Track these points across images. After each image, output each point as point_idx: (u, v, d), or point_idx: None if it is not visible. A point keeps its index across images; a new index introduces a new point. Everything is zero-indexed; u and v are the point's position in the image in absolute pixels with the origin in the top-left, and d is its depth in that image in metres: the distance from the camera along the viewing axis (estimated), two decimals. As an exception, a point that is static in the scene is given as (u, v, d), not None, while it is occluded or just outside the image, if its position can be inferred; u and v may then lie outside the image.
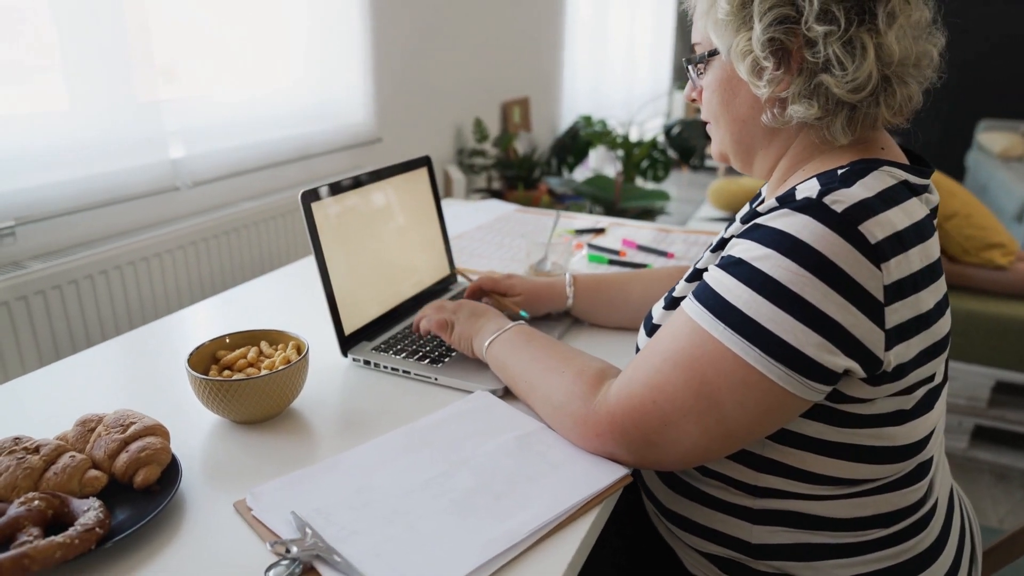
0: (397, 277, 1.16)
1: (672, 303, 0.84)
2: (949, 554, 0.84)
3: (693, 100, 0.89)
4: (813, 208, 0.68)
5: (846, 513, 0.78)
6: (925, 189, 0.78)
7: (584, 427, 0.79)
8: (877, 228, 0.67)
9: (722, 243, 0.82)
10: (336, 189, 1.04)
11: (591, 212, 3.44)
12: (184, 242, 1.73)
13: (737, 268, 0.70)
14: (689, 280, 0.83)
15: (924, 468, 0.80)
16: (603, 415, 0.77)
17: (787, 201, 0.71)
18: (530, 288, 1.14)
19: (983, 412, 2.34)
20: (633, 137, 4.67)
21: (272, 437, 0.86)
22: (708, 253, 0.84)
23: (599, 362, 0.86)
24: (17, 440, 0.73)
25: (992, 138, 4.94)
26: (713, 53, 0.81)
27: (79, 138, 1.56)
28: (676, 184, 5.90)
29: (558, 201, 3.42)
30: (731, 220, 0.95)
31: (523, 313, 1.12)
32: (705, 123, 0.89)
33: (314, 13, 2.14)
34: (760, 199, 0.95)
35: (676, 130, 3.89)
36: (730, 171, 6.39)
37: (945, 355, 0.78)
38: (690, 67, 0.86)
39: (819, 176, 0.74)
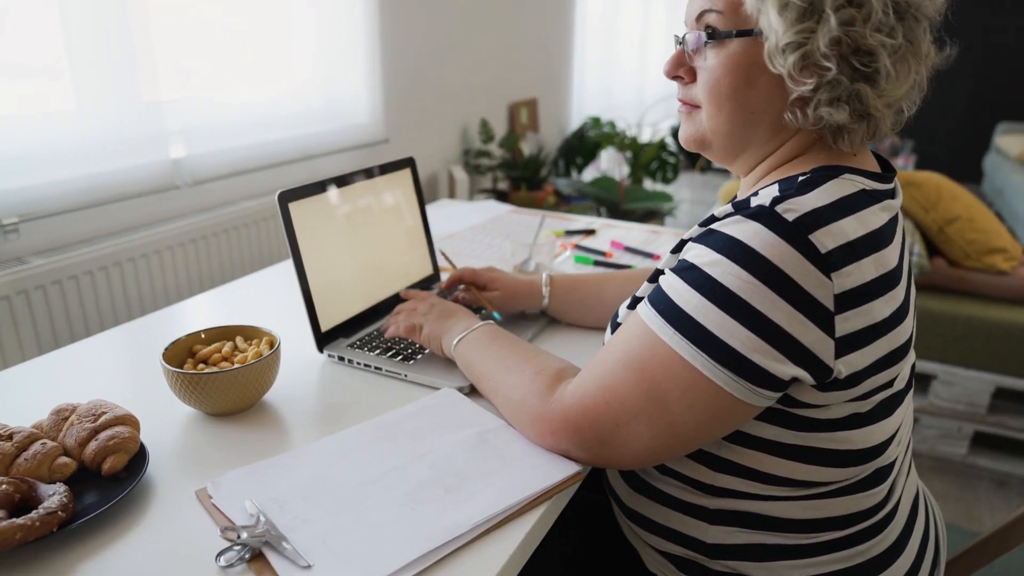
0: (378, 276, 1.19)
1: (634, 303, 0.85)
2: (908, 558, 0.85)
3: (677, 77, 0.82)
4: (765, 216, 0.69)
5: (800, 515, 0.79)
6: (887, 195, 0.78)
7: (540, 425, 0.81)
8: (828, 238, 0.68)
9: (682, 245, 0.82)
10: (316, 189, 1.07)
11: (598, 214, 3.45)
12: (184, 239, 1.77)
13: (689, 273, 0.72)
14: (651, 281, 0.84)
15: (883, 472, 0.81)
16: (557, 414, 0.79)
17: (741, 207, 0.72)
18: (508, 285, 1.16)
19: (983, 418, 2.32)
20: (645, 139, 4.67)
21: (243, 429, 0.89)
22: (669, 254, 0.85)
23: (559, 362, 0.88)
24: (-7, 427, 0.76)
25: (1010, 141, 4.87)
26: (744, 33, 0.74)
27: (84, 137, 1.61)
28: (689, 186, 5.90)
29: (564, 202, 3.43)
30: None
31: (496, 315, 1.14)
32: (690, 104, 0.82)
33: (322, 14, 2.18)
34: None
35: (684, 132, 3.88)
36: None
37: (906, 361, 0.78)
38: (701, 41, 0.77)
39: (780, 182, 0.75)
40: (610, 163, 4.73)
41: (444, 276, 1.37)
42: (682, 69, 0.81)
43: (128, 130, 1.69)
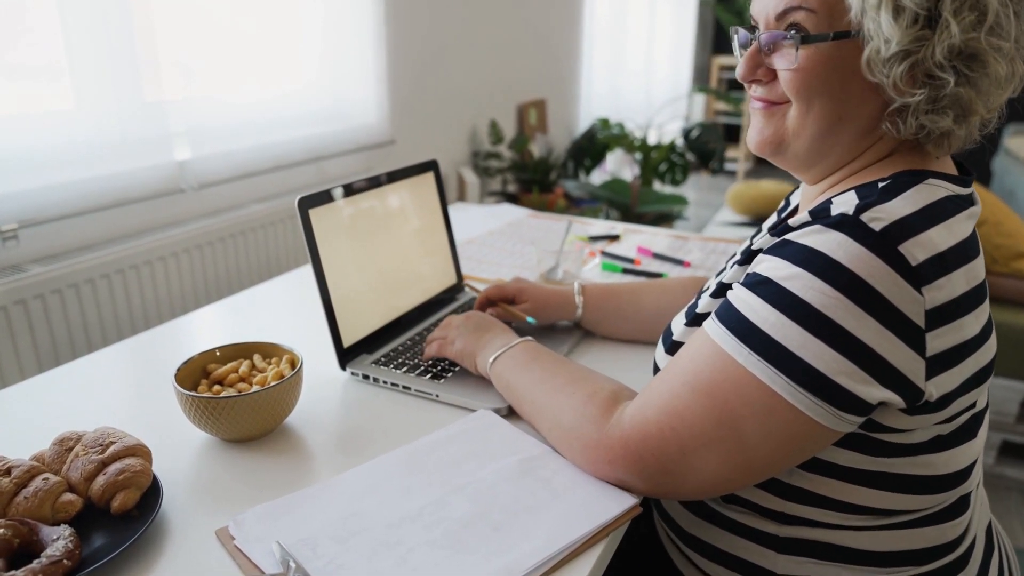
0: (401, 286, 1.11)
1: (695, 319, 0.79)
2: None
3: (755, 81, 0.74)
4: (849, 225, 0.63)
5: (879, 546, 0.72)
6: (969, 201, 0.71)
7: (596, 452, 0.74)
8: (919, 249, 0.62)
9: (750, 255, 0.76)
10: (337, 194, 1.00)
11: (608, 217, 3.38)
12: (189, 245, 1.70)
13: (764, 288, 0.66)
14: (714, 296, 0.78)
15: (965, 501, 0.75)
16: (616, 440, 0.72)
17: (820, 216, 0.66)
18: (538, 295, 1.09)
19: (1011, 427, 2.25)
20: (652, 140, 4.60)
21: (263, 457, 0.81)
22: (735, 266, 0.78)
23: (612, 383, 0.81)
24: (-10, 460, 0.69)
25: (1021, 143, 4.82)
26: (842, 35, 0.67)
27: (84, 139, 1.53)
28: (695, 188, 5.83)
29: (574, 205, 3.36)
30: (758, 229, 0.89)
31: (530, 319, 1.07)
32: (771, 102, 0.74)
33: (328, 14, 2.11)
34: (787, 208, 0.89)
35: (695, 133, 3.82)
36: (751, 174, 6.30)
37: (987, 384, 0.72)
38: (783, 39, 0.69)
39: (858, 188, 0.69)
40: (617, 164, 4.66)
41: (468, 289, 1.30)
42: (759, 71, 0.73)
43: (130, 131, 1.61)
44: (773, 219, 0.89)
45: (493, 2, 3.11)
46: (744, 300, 0.67)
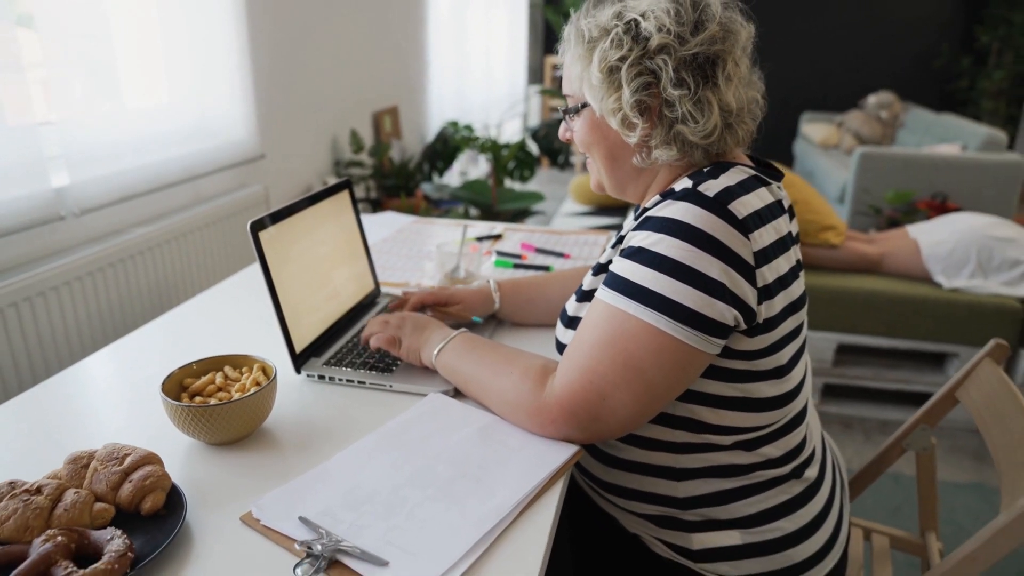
0: (332, 295, 1.23)
1: (584, 295, 1.00)
2: (828, 484, 1.05)
3: (568, 140, 1.04)
4: (691, 195, 0.86)
5: (749, 460, 0.96)
6: (767, 181, 0.96)
7: (539, 418, 0.92)
8: (741, 207, 0.86)
9: (621, 240, 0.98)
10: (277, 217, 1.10)
11: (468, 216, 3.56)
12: (81, 273, 1.68)
13: (638, 255, 0.87)
14: (596, 274, 0.99)
15: (801, 415, 1.01)
16: (553, 404, 0.90)
17: (668, 195, 0.89)
18: (466, 297, 1.26)
19: (829, 371, 2.69)
20: (499, 139, 4.83)
21: (249, 455, 0.92)
22: (609, 249, 1.00)
23: (539, 359, 0.99)
24: (12, 484, 0.75)
25: (814, 129, 5.54)
26: (586, 104, 0.96)
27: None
28: (538, 182, 6.16)
29: (434, 207, 3.52)
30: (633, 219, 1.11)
31: (476, 319, 1.24)
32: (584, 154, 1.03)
33: (194, 27, 2.11)
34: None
35: (542, 132, 4.10)
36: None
37: (802, 313, 0.97)
38: (566, 116, 1.01)
39: (689, 175, 0.92)
40: (464, 164, 4.86)
41: (385, 289, 1.43)
42: (568, 133, 1.03)
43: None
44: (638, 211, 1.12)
45: (344, 14, 3.19)
46: (624, 268, 0.88)
